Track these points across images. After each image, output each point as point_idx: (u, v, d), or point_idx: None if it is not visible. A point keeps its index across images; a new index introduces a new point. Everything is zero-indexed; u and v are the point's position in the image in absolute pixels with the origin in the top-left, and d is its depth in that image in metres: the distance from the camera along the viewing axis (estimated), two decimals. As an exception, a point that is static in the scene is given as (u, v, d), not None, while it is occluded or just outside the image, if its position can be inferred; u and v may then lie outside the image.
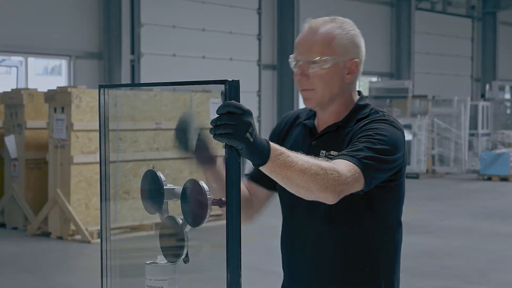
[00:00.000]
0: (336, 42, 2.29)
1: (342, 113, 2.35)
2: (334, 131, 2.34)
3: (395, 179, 2.28)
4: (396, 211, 2.37)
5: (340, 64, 2.30)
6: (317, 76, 2.28)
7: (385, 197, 2.30)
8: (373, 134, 2.20)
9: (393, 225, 2.37)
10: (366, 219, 2.30)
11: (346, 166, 2.07)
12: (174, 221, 2.03)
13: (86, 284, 7.20)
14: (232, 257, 1.73)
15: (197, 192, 1.95)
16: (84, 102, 9.39)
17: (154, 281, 2.02)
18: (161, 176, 2.08)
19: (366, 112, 2.33)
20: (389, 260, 2.37)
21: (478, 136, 20.36)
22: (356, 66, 2.32)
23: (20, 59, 15.50)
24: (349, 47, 2.31)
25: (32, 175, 10.08)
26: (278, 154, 1.90)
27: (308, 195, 2.02)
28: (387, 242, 2.35)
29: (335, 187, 2.01)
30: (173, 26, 16.95)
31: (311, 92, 2.31)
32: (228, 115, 1.74)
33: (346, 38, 2.30)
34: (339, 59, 2.29)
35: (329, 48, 2.28)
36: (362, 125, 2.27)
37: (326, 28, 2.30)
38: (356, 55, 2.33)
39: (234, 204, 1.72)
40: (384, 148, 2.17)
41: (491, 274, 7.68)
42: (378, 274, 2.33)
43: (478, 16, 26.69)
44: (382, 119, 2.28)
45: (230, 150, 1.75)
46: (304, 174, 1.96)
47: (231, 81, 1.73)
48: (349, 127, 2.31)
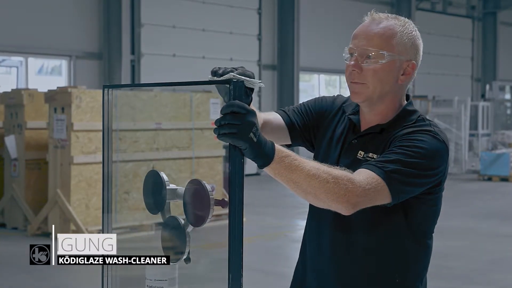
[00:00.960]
0: (397, 39, 2.21)
1: (388, 115, 2.26)
2: (378, 133, 2.25)
3: (433, 192, 2.21)
4: (431, 223, 2.30)
5: (397, 63, 2.21)
6: (370, 70, 2.20)
7: (421, 208, 2.23)
8: (410, 145, 2.11)
9: (426, 236, 2.29)
10: (401, 228, 2.23)
11: (367, 178, 2.01)
12: (176, 221, 2.03)
13: (87, 284, 7.19)
14: (234, 257, 1.73)
15: (199, 193, 1.95)
16: (84, 102, 9.38)
17: (154, 281, 2.02)
18: (164, 177, 2.07)
19: (413, 119, 2.24)
20: (419, 270, 2.30)
21: (478, 136, 20.36)
22: (412, 68, 2.24)
23: (20, 59, 15.50)
24: (409, 48, 2.23)
25: (32, 175, 10.08)
26: (283, 156, 1.88)
27: (317, 202, 1.98)
28: (419, 252, 2.28)
29: (348, 197, 1.96)
30: (173, 26, 16.95)
31: (362, 86, 2.21)
32: (232, 115, 1.73)
33: (407, 38, 2.22)
34: (397, 57, 2.20)
35: (389, 43, 2.20)
36: (404, 133, 2.17)
37: (388, 23, 2.23)
38: (414, 57, 2.25)
39: (236, 205, 1.72)
40: (419, 162, 2.10)
41: (491, 274, 7.67)
42: (406, 284, 2.27)
43: (478, 16, 26.69)
44: (426, 129, 2.18)
45: (233, 150, 1.74)
46: (311, 179, 1.92)
47: (235, 81, 1.73)
48: (393, 132, 2.21)
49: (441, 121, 18.59)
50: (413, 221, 2.23)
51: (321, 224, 2.32)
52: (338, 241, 2.27)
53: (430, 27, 24.47)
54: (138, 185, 9.56)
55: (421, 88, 22.36)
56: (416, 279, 2.29)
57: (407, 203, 2.15)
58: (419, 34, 2.28)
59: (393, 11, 23.17)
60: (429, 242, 2.31)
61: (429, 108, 18.63)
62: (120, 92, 9.99)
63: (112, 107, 2.09)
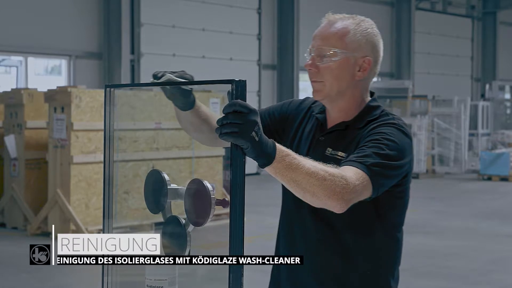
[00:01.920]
0: (350, 37, 2.28)
1: (351, 111, 2.33)
2: (343, 130, 2.32)
3: (400, 185, 2.26)
4: (400, 216, 2.35)
5: (351, 60, 2.28)
6: (326, 69, 2.28)
7: (390, 202, 2.28)
8: (380, 138, 2.17)
9: (396, 229, 2.35)
10: (372, 224, 2.28)
11: (355, 174, 2.05)
12: (177, 221, 2.02)
13: (86, 284, 7.19)
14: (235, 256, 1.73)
15: (200, 192, 1.95)
16: (84, 102, 9.38)
17: (154, 280, 2.02)
18: (165, 176, 2.07)
19: (376, 114, 2.31)
20: (391, 262, 2.36)
21: (478, 136, 20.36)
22: (368, 64, 2.30)
23: (20, 58, 15.49)
24: (363, 44, 2.30)
25: (32, 175, 10.07)
26: (284, 155, 1.89)
27: (314, 200, 1.99)
28: (389, 245, 2.34)
29: (343, 195, 1.98)
30: (173, 26, 16.94)
31: (320, 84, 2.30)
32: (234, 114, 1.73)
33: (361, 35, 2.30)
34: (350, 54, 2.27)
35: (342, 42, 2.28)
36: (370, 129, 2.24)
37: (343, 23, 2.31)
38: (370, 54, 2.31)
39: (238, 204, 1.72)
40: (391, 153, 2.15)
41: (491, 274, 7.67)
42: (378, 276, 2.33)
43: (478, 16, 26.69)
44: (391, 123, 2.25)
45: (235, 150, 1.74)
46: (311, 177, 1.93)
47: (238, 80, 1.73)
48: (358, 128, 2.29)
49: (441, 121, 18.59)
50: (382, 214, 2.28)
51: (293, 221, 2.38)
52: (310, 235, 2.32)
53: (430, 27, 24.48)
54: (138, 185, 9.56)
55: (421, 88, 22.36)
56: (388, 272, 2.35)
57: (376, 198, 2.19)
58: (378, 32, 2.36)
59: (393, 11, 23.18)
60: (398, 235, 2.36)
61: (429, 107, 18.63)
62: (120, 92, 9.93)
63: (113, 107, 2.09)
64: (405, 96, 18.64)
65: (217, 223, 7.24)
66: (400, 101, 18.61)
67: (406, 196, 2.33)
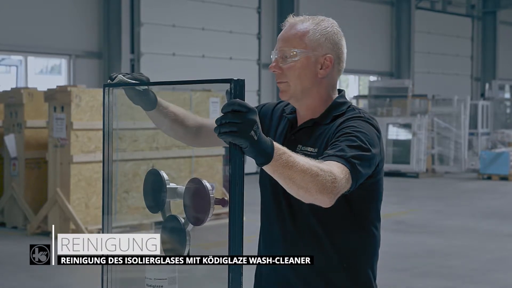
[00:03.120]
0: (309, 37, 2.34)
1: (318, 109, 2.39)
2: (311, 126, 2.38)
3: (372, 176, 2.29)
4: (375, 208, 2.38)
5: (312, 58, 2.33)
6: (289, 69, 2.34)
7: (363, 195, 2.30)
8: (351, 132, 2.22)
9: (370, 223, 2.38)
10: (344, 215, 2.32)
11: (338, 168, 2.08)
12: (176, 220, 2.02)
13: (86, 284, 7.19)
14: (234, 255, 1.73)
15: (200, 192, 1.95)
16: (83, 101, 9.38)
17: (154, 280, 2.02)
18: (164, 175, 2.07)
19: (343, 109, 2.36)
20: (368, 255, 2.39)
21: (478, 135, 20.37)
22: (330, 61, 2.35)
23: (20, 58, 15.49)
24: (323, 43, 2.35)
25: (32, 174, 10.07)
26: (281, 153, 1.90)
27: (307, 196, 2.01)
28: (366, 238, 2.38)
29: (332, 189, 2.01)
30: (173, 25, 16.94)
31: (285, 85, 2.36)
32: (232, 113, 1.74)
33: (320, 34, 2.35)
34: (310, 53, 2.33)
35: (301, 42, 2.33)
36: (338, 124, 2.30)
37: (302, 24, 2.37)
38: (331, 51, 2.36)
39: (237, 203, 1.72)
40: (364, 145, 2.19)
41: (491, 273, 7.67)
42: (356, 269, 2.36)
43: (478, 16, 26.69)
44: (357, 116, 2.31)
45: (234, 149, 1.74)
46: (305, 174, 1.95)
47: (236, 80, 1.73)
48: (325, 124, 2.35)
49: (441, 120, 18.59)
50: (356, 208, 2.32)
51: (270, 216, 2.47)
52: (288, 230, 2.38)
53: (429, 26, 24.47)
54: (138, 184, 9.56)
55: (421, 87, 22.36)
56: (367, 267, 2.38)
57: (349, 192, 2.22)
58: (339, 31, 2.40)
59: (393, 10, 23.18)
60: (373, 229, 2.39)
61: (428, 107, 18.63)
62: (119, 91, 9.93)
63: (112, 106, 2.09)
64: (405, 95, 18.64)
65: (217, 222, 7.23)
66: (400, 101, 18.61)
67: (378, 189, 2.37)
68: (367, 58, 22.32)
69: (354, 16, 21.32)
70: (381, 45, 22.92)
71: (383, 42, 23.04)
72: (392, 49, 23.24)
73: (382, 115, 18.22)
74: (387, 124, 17.79)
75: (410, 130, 17.46)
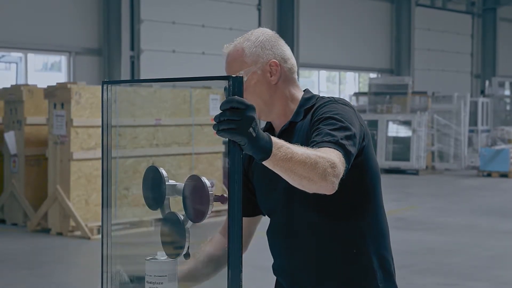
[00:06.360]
0: (246, 54, 2.36)
1: (289, 110, 2.41)
2: (288, 128, 2.39)
3: (360, 154, 2.29)
4: (373, 186, 2.38)
5: (258, 71, 2.36)
6: (244, 92, 2.35)
7: (356, 175, 2.29)
8: (328, 116, 2.23)
9: (372, 200, 2.38)
10: (345, 203, 2.32)
11: (333, 152, 2.08)
12: (175, 217, 2.03)
13: (86, 280, 7.19)
14: (233, 253, 1.73)
15: (199, 188, 1.95)
16: (83, 98, 9.38)
17: (154, 277, 2.02)
18: (163, 172, 2.07)
19: (312, 102, 2.38)
20: (376, 237, 2.38)
21: (478, 132, 20.36)
22: (275, 65, 2.37)
23: (20, 55, 15.50)
24: (260, 52, 2.36)
25: (32, 171, 10.08)
26: (279, 147, 1.90)
27: (311, 185, 2.00)
28: (370, 220, 2.37)
29: (333, 174, 2.01)
30: (173, 22, 16.94)
31: None
32: (231, 110, 1.74)
33: (254, 46, 2.36)
34: (254, 68, 2.35)
35: (242, 62, 2.35)
36: (312, 113, 2.31)
37: (236, 47, 2.38)
38: (272, 56, 2.37)
39: (236, 200, 1.72)
40: (344, 125, 2.20)
41: (491, 270, 7.68)
42: (367, 252, 2.35)
43: (478, 13, 26.68)
44: (328, 101, 2.33)
45: (233, 146, 1.74)
46: (305, 164, 1.95)
47: (234, 77, 1.73)
48: (300, 120, 2.37)
49: (441, 117, 18.59)
50: (351, 191, 2.30)
51: (274, 212, 2.44)
52: (289, 224, 2.39)
53: (429, 23, 24.46)
54: (138, 181, 9.55)
55: (421, 84, 22.35)
56: (375, 246, 2.37)
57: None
58: (271, 34, 2.43)
59: (393, 8, 23.17)
60: (377, 206, 2.39)
61: (428, 104, 18.62)
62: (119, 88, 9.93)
63: (111, 103, 2.09)
64: (405, 92, 18.64)
65: (216, 219, 7.25)
66: (400, 98, 18.60)
67: (370, 164, 2.35)
68: (367, 55, 22.32)
69: (354, 13, 21.33)
70: (381, 42, 22.91)
71: (383, 39, 23.03)
72: (392, 46, 23.23)
73: (382, 112, 18.22)
74: (387, 121, 17.79)
75: (410, 127, 17.46)
